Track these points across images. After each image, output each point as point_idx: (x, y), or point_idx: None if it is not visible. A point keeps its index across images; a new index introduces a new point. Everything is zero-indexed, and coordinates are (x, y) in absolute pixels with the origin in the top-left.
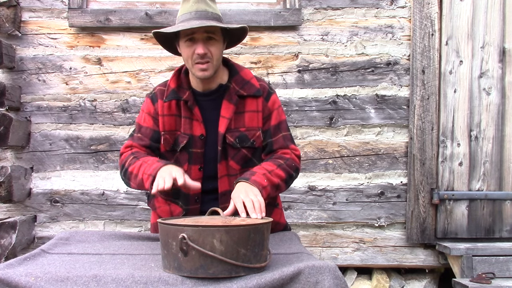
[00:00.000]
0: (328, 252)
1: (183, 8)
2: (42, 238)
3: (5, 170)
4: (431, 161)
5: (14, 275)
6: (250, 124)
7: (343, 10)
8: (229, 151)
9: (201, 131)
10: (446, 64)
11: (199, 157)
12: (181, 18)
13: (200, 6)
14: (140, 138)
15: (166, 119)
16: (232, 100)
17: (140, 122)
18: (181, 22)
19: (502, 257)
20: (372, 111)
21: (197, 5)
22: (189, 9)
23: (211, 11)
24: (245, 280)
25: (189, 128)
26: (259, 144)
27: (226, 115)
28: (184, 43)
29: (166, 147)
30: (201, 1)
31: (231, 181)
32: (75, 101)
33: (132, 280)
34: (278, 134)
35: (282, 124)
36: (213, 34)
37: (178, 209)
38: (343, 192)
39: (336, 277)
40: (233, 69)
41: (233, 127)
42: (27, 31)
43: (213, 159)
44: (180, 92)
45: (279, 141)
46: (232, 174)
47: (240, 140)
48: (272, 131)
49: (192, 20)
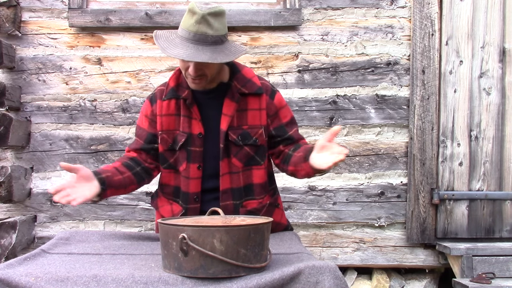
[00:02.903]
0: (328, 252)
1: (185, 22)
2: (42, 238)
3: (5, 170)
4: (431, 161)
5: (14, 275)
6: (252, 122)
7: (343, 10)
8: (232, 148)
9: (199, 129)
10: (446, 64)
11: (198, 156)
12: (181, 32)
13: (200, 28)
14: (135, 141)
15: (165, 119)
16: (234, 98)
17: (139, 124)
18: (180, 38)
19: (502, 257)
20: (372, 111)
21: (198, 26)
22: (189, 27)
23: (211, 34)
24: (245, 280)
25: (188, 127)
26: (262, 142)
27: (228, 112)
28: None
29: (164, 146)
30: (203, 22)
31: (233, 179)
32: (75, 101)
33: (132, 280)
34: (294, 128)
35: (293, 119)
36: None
37: (179, 208)
38: (343, 192)
39: (336, 277)
40: (234, 68)
41: (236, 124)
42: (27, 31)
43: (214, 157)
44: (180, 91)
45: (297, 133)
46: (234, 172)
47: (242, 138)
48: (286, 127)
49: (189, 42)
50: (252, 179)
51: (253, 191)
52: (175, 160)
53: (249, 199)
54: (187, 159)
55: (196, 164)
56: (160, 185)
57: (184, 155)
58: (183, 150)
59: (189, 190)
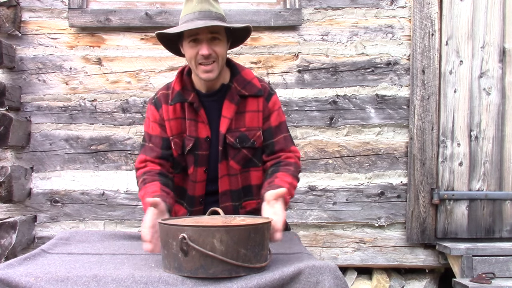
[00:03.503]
0: (328, 252)
1: (186, 8)
2: (42, 238)
3: (5, 170)
4: (431, 161)
5: (14, 275)
6: (250, 124)
7: (343, 10)
8: (230, 151)
9: (206, 133)
10: (446, 64)
11: (204, 159)
12: (184, 18)
13: (203, 6)
14: (152, 148)
15: (173, 123)
16: (234, 100)
17: (149, 131)
18: (185, 22)
19: (502, 257)
20: (372, 111)
21: (200, 5)
22: (192, 9)
23: (215, 11)
24: (245, 280)
25: (195, 131)
26: (260, 144)
27: (227, 115)
28: (188, 44)
29: (177, 151)
30: (204, 1)
31: (232, 180)
32: (75, 101)
33: (132, 280)
34: (279, 135)
35: (283, 125)
36: (217, 34)
37: (183, 210)
38: (343, 192)
39: (337, 277)
40: (234, 69)
41: (234, 127)
42: (27, 31)
43: (216, 160)
44: (185, 94)
45: (280, 141)
46: (232, 174)
47: (240, 140)
48: (273, 131)
49: (196, 20)
50: (250, 181)
51: (252, 192)
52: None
53: (248, 199)
54: (195, 163)
55: (203, 168)
56: None
57: (192, 159)
58: (190, 154)
59: (195, 193)
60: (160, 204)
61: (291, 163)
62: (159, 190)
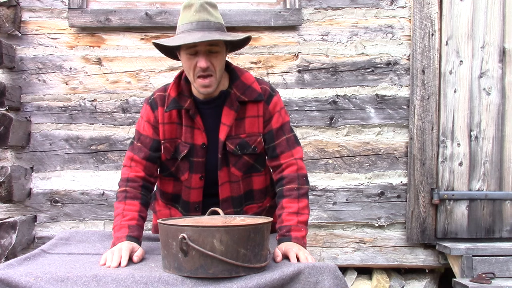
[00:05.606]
0: (328, 252)
1: (184, 17)
2: (42, 238)
3: (5, 170)
4: (431, 161)
5: (14, 275)
6: (250, 130)
7: (343, 10)
8: (230, 158)
9: (202, 140)
10: (446, 64)
11: (200, 166)
12: (182, 28)
13: (201, 16)
14: (140, 148)
15: (167, 127)
16: (233, 106)
17: (140, 130)
18: (182, 32)
19: (502, 257)
20: (372, 111)
21: (198, 14)
22: (190, 19)
23: (213, 21)
24: (245, 280)
25: (190, 137)
26: (261, 150)
27: (227, 122)
28: (186, 55)
29: (166, 155)
30: (202, 10)
31: (233, 187)
32: (75, 101)
33: (132, 280)
34: (281, 137)
35: (285, 126)
36: (215, 46)
37: (178, 214)
38: (343, 192)
39: (336, 277)
40: (233, 74)
41: (234, 133)
42: (27, 31)
43: (215, 167)
44: (181, 101)
45: (282, 144)
46: (233, 181)
47: (240, 147)
48: (275, 134)
49: (193, 31)
50: (252, 186)
51: (253, 196)
52: (176, 169)
53: (249, 203)
54: (189, 169)
55: (198, 175)
56: (159, 189)
57: (186, 165)
58: (185, 160)
59: (190, 199)
60: (136, 248)
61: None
62: (136, 217)
